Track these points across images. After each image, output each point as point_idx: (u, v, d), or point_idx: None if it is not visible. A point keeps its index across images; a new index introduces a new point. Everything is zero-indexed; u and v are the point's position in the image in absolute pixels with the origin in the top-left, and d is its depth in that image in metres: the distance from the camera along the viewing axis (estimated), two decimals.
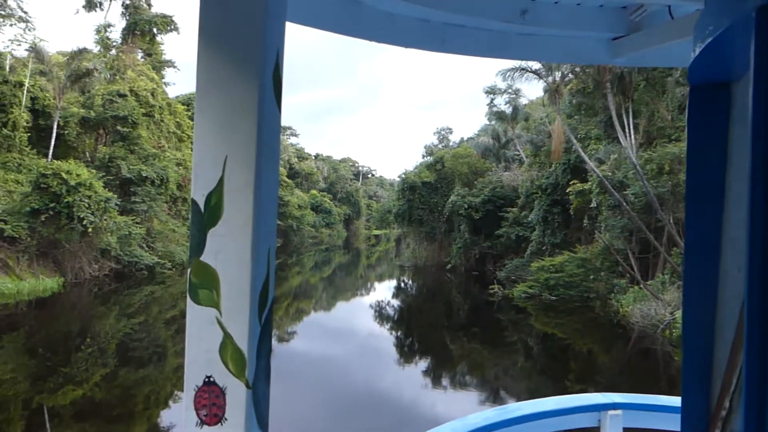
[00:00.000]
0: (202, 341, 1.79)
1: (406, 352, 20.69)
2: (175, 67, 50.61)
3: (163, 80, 48.03)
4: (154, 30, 38.39)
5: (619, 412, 3.60)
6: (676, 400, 1.97)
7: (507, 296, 25.64)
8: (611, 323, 22.31)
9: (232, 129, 1.79)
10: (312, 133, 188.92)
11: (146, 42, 45.15)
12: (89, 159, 33.58)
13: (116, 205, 29.30)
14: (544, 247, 30.43)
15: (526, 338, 22.32)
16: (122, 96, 33.79)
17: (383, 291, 36.42)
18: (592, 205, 24.86)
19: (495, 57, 3.59)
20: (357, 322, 24.85)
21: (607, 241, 22.96)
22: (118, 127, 32.86)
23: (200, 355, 1.79)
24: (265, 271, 1.87)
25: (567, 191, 27.86)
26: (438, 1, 2.89)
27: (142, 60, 45.37)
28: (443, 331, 23.38)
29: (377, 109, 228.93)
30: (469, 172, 38.11)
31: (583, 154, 23.59)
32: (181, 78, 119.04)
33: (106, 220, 27.06)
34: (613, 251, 22.25)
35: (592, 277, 24.11)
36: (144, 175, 32.24)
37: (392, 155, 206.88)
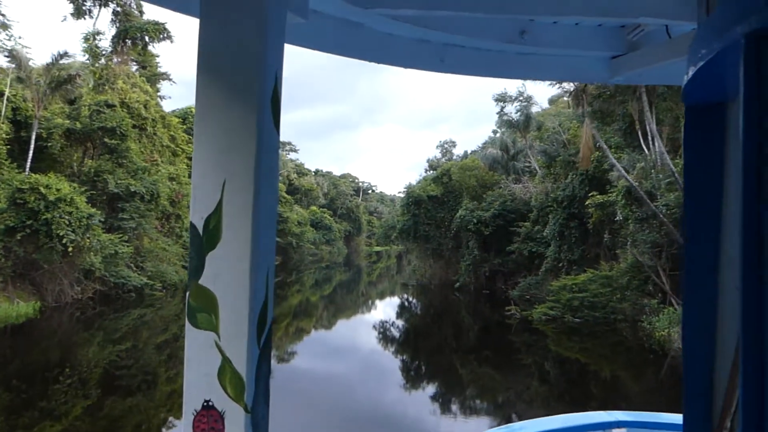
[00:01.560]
0: (201, 365, 1.79)
1: (415, 378, 18.71)
2: (170, 79, 49.51)
3: (159, 93, 46.77)
4: (146, 38, 36.68)
5: (623, 430, 3.60)
6: (680, 418, 1.47)
7: (525, 318, 23.47)
8: (641, 348, 20.26)
9: (231, 152, 1.80)
10: (312, 150, 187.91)
11: (137, 51, 43.88)
12: (76, 173, 31.66)
13: (101, 222, 27.30)
14: (560, 264, 28.38)
15: (544, 362, 20.29)
16: (110, 106, 31.88)
17: (387, 311, 34.21)
18: (617, 218, 22.80)
19: (494, 76, 3.63)
20: (360, 346, 22.97)
21: (637, 257, 20.89)
22: (106, 140, 30.91)
23: (199, 379, 1.79)
24: (264, 293, 1.85)
25: (586, 204, 25.89)
26: (437, 22, 2.96)
27: (137, 72, 44.00)
28: (453, 355, 21.36)
29: (378, 126, 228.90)
30: (477, 186, 36.08)
31: (615, 162, 21.60)
32: (177, 92, 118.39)
33: (88, 238, 25.02)
34: (648, 268, 20.17)
35: (618, 296, 21.98)
36: (132, 190, 30.20)
37: (392, 171, 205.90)
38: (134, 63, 45.35)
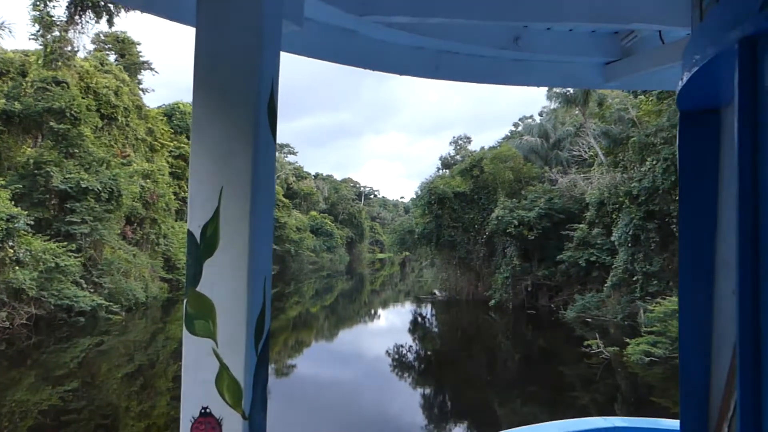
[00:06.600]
0: (198, 372, 1.76)
1: None
2: (152, 69, 44.15)
3: (141, 86, 41.49)
4: (110, 7, 30.60)
5: None
6: (677, 423, 1.54)
7: (617, 356, 16.74)
8: None
9: (227, 160, 1.78)
10: (313, 157, 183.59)
11: (114, 38, 38.70)
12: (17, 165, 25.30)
13: (40, 225, 20.99)
14: (633, 277, 21.94)
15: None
16: (59, 83, 25.56)
17: (400, 334, 27.61)
18: None
19: (488, 83, 3.68)
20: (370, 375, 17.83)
21: None
22: (52, 124, 24.55)
23: (196, 386, 1.76)
24: (261, 300, 1.83)
25: (675, 198, 19.51)
26: (432, 29, 2.96)
27: (115, 62, 38.50)
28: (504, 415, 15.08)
29: (380, 133, 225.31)
30: (513, 180, 29.57)
31: None
32: (166, 93, 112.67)
33: (11, 247, 18.57)
34: None
35: None
36: (84, 186, 23.76)
37: (394, 179, 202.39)
38: (110, 51, 40.49)
